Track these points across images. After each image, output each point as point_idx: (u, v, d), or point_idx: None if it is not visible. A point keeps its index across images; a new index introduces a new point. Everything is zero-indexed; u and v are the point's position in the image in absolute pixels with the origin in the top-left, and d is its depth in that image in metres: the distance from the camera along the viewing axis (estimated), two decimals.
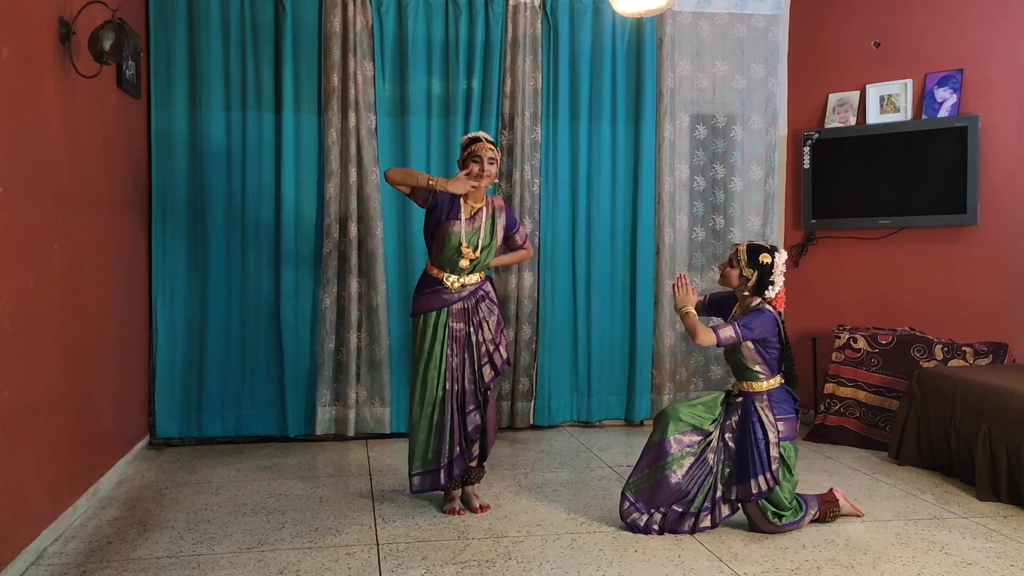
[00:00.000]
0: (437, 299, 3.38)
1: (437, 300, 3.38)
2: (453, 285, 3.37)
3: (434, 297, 3.38)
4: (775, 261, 3.19)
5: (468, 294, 3.39)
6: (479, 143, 3.38)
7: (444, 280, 3.38)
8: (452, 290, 3.37)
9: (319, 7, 4.56)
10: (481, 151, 3.36)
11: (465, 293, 3.39)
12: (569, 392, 5.00)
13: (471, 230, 3.37)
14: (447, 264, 3.38)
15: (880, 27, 4.93)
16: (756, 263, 3.20)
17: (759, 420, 3.17)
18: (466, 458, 3.39)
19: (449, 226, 3.35)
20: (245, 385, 4.60)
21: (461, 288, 3.39)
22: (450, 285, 3.37)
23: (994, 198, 4.58)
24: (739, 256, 3.24)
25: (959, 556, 2.96)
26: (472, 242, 3.36)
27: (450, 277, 3.38)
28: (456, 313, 3.38)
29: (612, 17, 4.86)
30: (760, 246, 3.24)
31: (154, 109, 4.45)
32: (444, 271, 3.39)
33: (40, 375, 2.97)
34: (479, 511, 3.43)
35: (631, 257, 4.99)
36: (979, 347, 4.40)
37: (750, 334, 3.16)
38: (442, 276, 3.39)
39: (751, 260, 3.21)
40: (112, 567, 2.83)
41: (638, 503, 3.21)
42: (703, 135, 5.09)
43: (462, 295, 3.39)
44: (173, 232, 4.50)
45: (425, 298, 3.41)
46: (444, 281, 3.38)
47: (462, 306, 3.39)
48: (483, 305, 3.42)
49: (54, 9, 3.10)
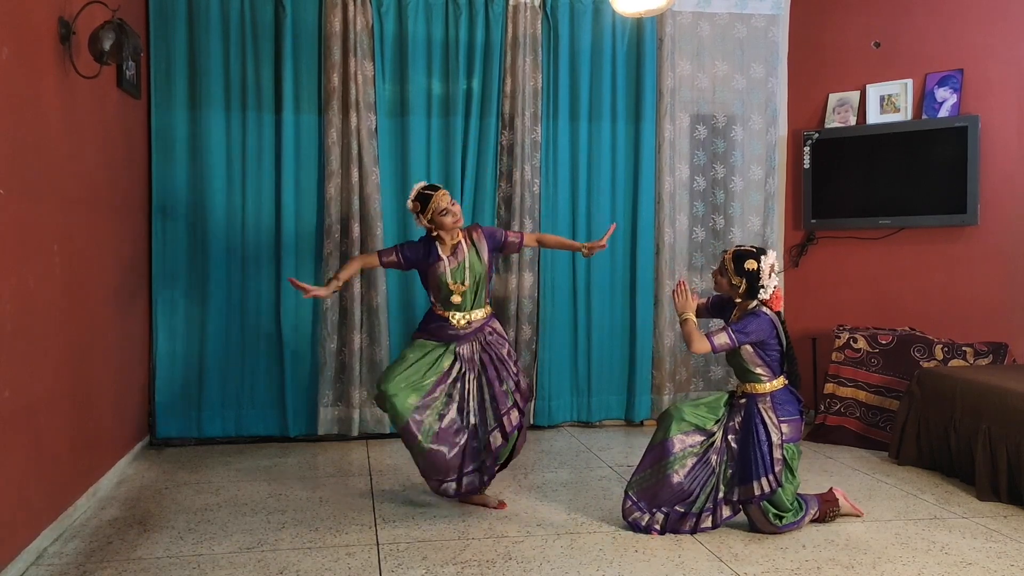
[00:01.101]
0: (443, 332, 3.41)
1: (443, 333, 3.41)
2: (459, 323, 3.40)
3: (439, 331, 3.42)
4: (761, 266, 3.17)
5: (474, 331, 3.42)
6: (438, 192, 3.37)
7: (450, 319, 3.41)
8: (458, 327, 3.40)
9: (319, 7, 4.56)
10: (442, 202, 3.35)
11: (471, 330, 3.41)
12: (569, 392, 5.00)
13: (455, 266, 3.39)
14: (446, 305, 3.41)
15: (880, 27, 4.93)
16: (743, 271, 3.18)
17: (762, 422, 3.16)
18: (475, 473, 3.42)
19: (435, 269, 3.39)
20: (245, 385, 4.60)
21: (467, 325, 3.41)
22: (456, 323, 3.40)
23: (994, 198, 4.58)
24: (726, 265, 3.23)
25: (959, 556, 2.96)
26: (458, 277, 3.38)
27: (455, 315, 3.40)
28: (462, 354, 3.40)
29: (612, 17, 4.85)
30: (746, 252, 3.21)
31: (154, 109, 4.45)
32: (448, 311, 3.41)
33: (40, 375, 2.97)
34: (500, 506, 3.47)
35: (631, 257, 4.99)
36: (979, 347, 4.40)
37: (746, 339, 3.15)
38: (447, 315, 3.41)
39: (737, 268, 3.19)
40: (112, 567, 2.84)
41: (640, 502, 3.21)
42: (703, 135, 5.09)
43: (468, 331, 3.41)
44: (173, 232, 4.50)
45: (429, 330, 3.45)
46: (450, 319, 3.41)
47: (468, 348, 3.41)
48: (490, 343, 3.44)
49: (54, 9, 3.10)
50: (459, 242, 3.44)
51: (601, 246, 3.56)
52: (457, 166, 4.74)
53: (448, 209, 3.36)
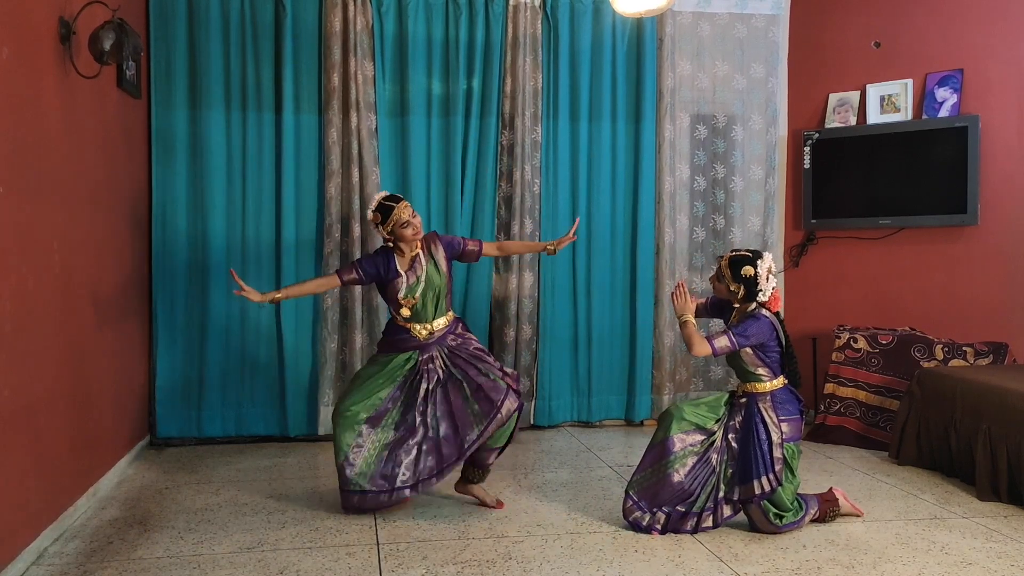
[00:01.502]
0: (405, 344, 3.39)
1: (404, 344, 3.39)
2: (420, 333, 3.39)
3: (401, 342, 3.40)
4: (758, 271, 3.17)
5: (436, 340, 3.40)
6: (400, 204, 3.33)
7: (411, 329, 3.39)
8: (420, 338, 3.39)
9: (319, 7, 4.57)
10: (404, 214, 3.33)
11: (434, 339, 3.39)
12: (569, 392, 5.00)
13: (413, 280, 3.37)
14: (406, 318, 3.39)
15: (880, 27, 4.94)
16: (740, 277, 3.19)
17: (763, 421, 3.17)
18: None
19: (394, 286, 3.38)
20: (245, 385, 4.60)
21: (429, 335, 3.39)
22: (416, 334, 3.39)
23: (994, 198, 4.58)
24: (723, 271, 3.24)
25: (959, 556, 2.96)
26: (413, 291, 3.36)
27: (415, 326, 3.39)
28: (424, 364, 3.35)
29: (612, 17, 4.86)
30: (742, 257, 3.21)
31: (154, 109, 4.45)
32: (408, 322, 3.40)
33: (40, 375, 2.97)
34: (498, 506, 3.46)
35: (631, 257, 4.99)
36: (979, 347, 4.40)
37: (746, 342, 3.15)
38: (408, 326, 3.40)
39: (734, 275, 3.20)
40: (112, 567, 2.84)
41: (641, 502, 3.21)
42: (703, 135, 5.09)
43: (431, 341, 3.39)
44: (173, 232, 4.50)
45: (390, 342, 3.43)
46: (411, 330, 3.39)
47: (434, 356, 3.37)
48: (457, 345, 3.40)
49: (54, 9, 3.10)
50: (417, 254, 3.42)
51: (570, 239, 3.54)
52: (457, 166, 4.74)
53: (409, 222, 3.34)
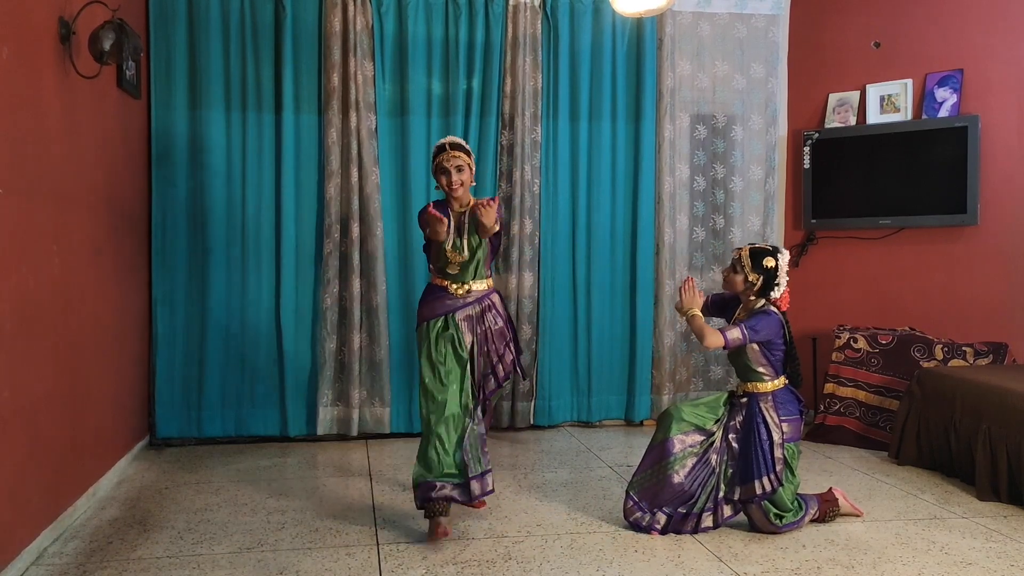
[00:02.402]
0: (441, 305, 3.33)
1: (441, 306, 3.33)
2: (458, 291, 3.33)
3: (438, 303, 3.34)
4: (779, 264, 3.18)
5: (474, 300, 3.35)
6: (444, 153, 3.27)
7: (448, 287, 3.34)
8: (457, 296, 3.33)
9: (319, 7, 4.57)
10: (446, 162, 3.25)
11: (471, 299, 3.34)
12: (569, 392, 5.00)
13: (456, 237, 3.31)
14: (445, 273, 3.35)
15: (880, 27, 4.93)
16: (761, 268, 3.18)
17: (764, 421, 3.17)
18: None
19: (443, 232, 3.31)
20: (245, 385, 4.59)
21: (467, 294, 3.34)
22: (455, 291, 3.33)
23: (994, 198, 4.58)
24: (743, 261, 3.21)
25: (959, 556, 2.96)
26: (457, 247, 3.30)
27: (452, 285, 3.34)
28: (462, 322, 3.32)
29: (612, 17, 4.86)
30: (763, 249, 3.21)
31: (154, 109, 4.45)
32: (446, 280, 3.35)
33: (40, 375, 2.97)
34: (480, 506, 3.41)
35: (631, 257, 4.99)
36: (979, 347, 4.40)
37: (756, 336, 3.15)
38: (446, 284, 3.35)
39: (755, 265, 3.19)
40: (112, 567, 2.84)
41: (641, 502, 3.21)
42: (703, 135, 5.09)
43: (468, 301, 3.34)
44: (173, 232, 4.50)
45: (429, 304, 3.36)
46: (448, 288, 3.34)
47: (467, 313, 3.34)
48: (489, 315, 3.37)
49: (54, 9, 3.10)
50: (464, 212, 3.33)
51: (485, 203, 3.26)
52: None
53: (446, 168, 3.24)
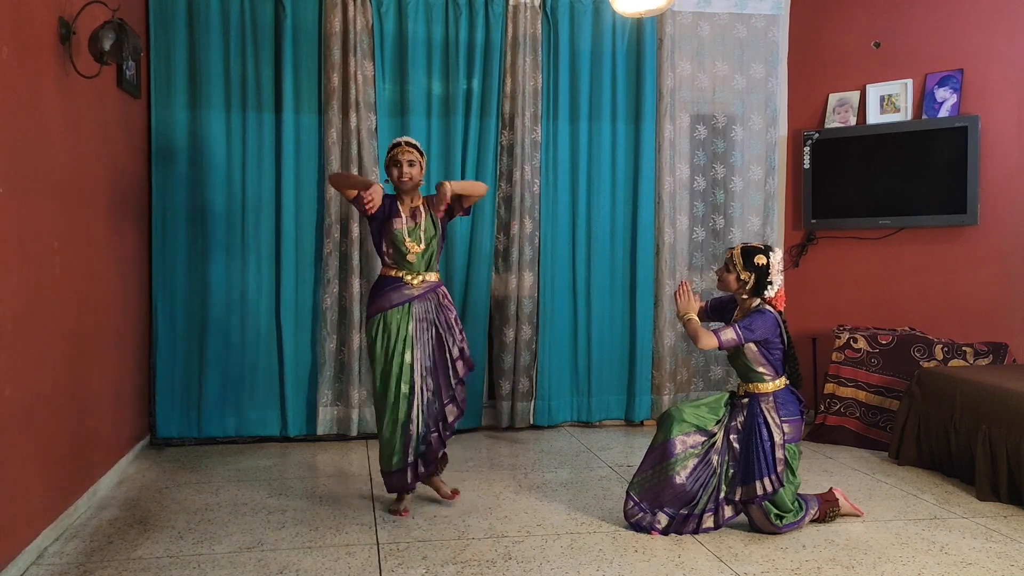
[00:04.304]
0: (397, 294, 3.40)
1: (397, 295, 3.40)
2: (413, 281, 3.41)
3: (394, 293, 3.41)
4: (771, 261, 3.18)
5: (427, 291, 3.43)
6: (399, 148, 3.41)
7: (403, 277, 3.41)
8: (412, 286, 3.41)
9: (319, 7, 4.57)
10: (400, 155, 3.39)
11: (425, 289, 3.43)
12: (569, 392, 5.00)
13: (412, 226, 3.41)
14: (399, 263, 3.42)
15: (880, 27, 4.94)
16: (752, 265, 3.19)
17: (765, 422, 3.17)
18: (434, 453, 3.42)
19: (391, 224, 3.40)
20: (245, 385, 4.59)
21: (421, 283, 3.43)
22: (409, 281, 3.41)
23: (994, 198, 4.58)
24: (734, 260, 3.23)
25: (959, 556, 2.96)
26: (415, 237, 3.40)
27: (409, 275, 3.42)
28: (417, 313, 3.40)
29: (612, 17, 4.85)
30: (754, 247, 3.22)
31: (154, 109, 4.45)
32: (402, 270, 3.42)
33: (40, 374, 2.97)
34: (453, 496, 3.52)
35: (631, 257, 4.99)
36: (979, 347, 4.40)
37: (751, 335, 3.15)
38: (401, 274, 3.42)
39: (747, 263, 3.20)
40: (112, 567, 2.84)
41: (642, 503, 3.21)
42: (703, 135, 5.09)
43: (422, 291, 3.42)
44: (173, 231, 4.50)
45: (386, 295, 3.41)
46: (404, 278, 3.41)
47: (423, 306, 3.42)
48: (444, 305, 3.46)
49: (54, 9, 3.10)
50: (418, 206, 3.46)
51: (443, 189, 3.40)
52: (457, 166, 4.74)
53: (399, 161, 3.38)
